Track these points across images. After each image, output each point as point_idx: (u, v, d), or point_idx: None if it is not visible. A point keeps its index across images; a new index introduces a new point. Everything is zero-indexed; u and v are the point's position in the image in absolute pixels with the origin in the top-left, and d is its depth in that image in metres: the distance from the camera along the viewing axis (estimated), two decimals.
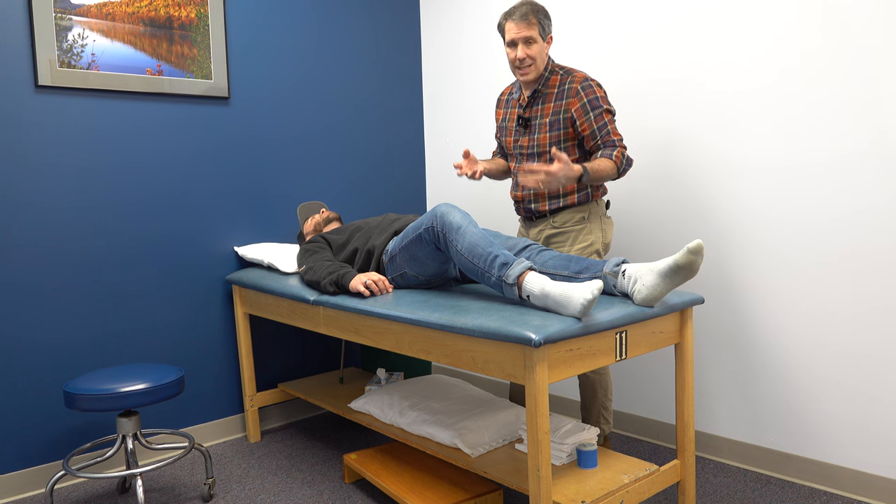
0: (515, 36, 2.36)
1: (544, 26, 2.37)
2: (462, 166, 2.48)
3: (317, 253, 2.53)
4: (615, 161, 2.32)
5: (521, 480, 1.97)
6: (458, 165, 2.49)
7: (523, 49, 2.36)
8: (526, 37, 2.35)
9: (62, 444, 2.67)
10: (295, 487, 2.56)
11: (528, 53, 2.36)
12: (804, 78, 2.34)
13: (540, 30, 2.36)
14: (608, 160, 2.31)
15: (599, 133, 2.35)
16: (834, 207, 2.31)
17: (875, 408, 2.27)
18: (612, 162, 2.31)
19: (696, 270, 1.83)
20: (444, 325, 1.87)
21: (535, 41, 2.36)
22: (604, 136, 2.35)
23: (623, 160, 2.34)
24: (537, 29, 2.35)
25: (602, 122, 2.34)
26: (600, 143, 2.36)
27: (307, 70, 3.30)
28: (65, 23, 2.58)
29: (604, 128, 2.34)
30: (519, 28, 2.35)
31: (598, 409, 2.53)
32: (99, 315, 2.73)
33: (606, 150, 2.34)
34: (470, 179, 2.53)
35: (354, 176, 3.52)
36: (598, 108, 2.34)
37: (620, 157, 2.33)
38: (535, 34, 2.35)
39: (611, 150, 2.33)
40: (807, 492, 2.38)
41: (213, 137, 3.00)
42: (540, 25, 2.35)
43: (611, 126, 2.35)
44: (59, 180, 2.62)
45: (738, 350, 2.60)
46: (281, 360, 3.28)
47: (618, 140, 2.35)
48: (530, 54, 2.36)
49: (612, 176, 2.33)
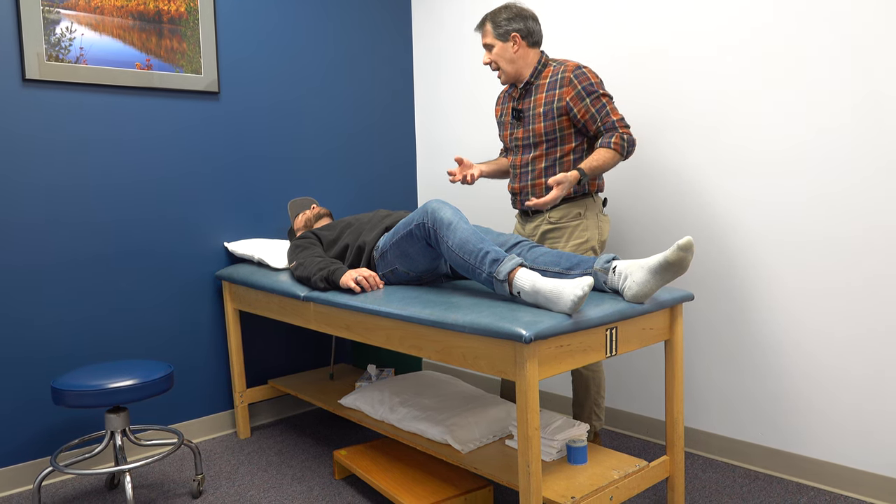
0: (482, 44, 2.50)
1: (501, 28, 2.43)
2: (455, 173, 2.49)
3: (307, 249, 2.52)
4: (615, 148, 2.33)
5: (512, 476, 1.98)
6: (451, 172, 2.50)
7: (486, 55, 2.49)
8: (485, 44, 2.49)
9: (50, 440, 2.66)
10: (285, 483, 2.56)
11: (491, 58, 2.48)
12: (791, 70, 2.36)
13: (495, 34, 2.44)
14: (607, 150, 2.33)
15: (599, 116, 2.36)
16: (827, 206, 2.33)
17: (863, 405, 2.29)
18: (611, 151, 2.33)
19: (686, 267, 1.84)
20: (434, 321, 1.87)
21: (493, 45, 2.46)
22: (603, 118, 2.36)
23: (624, 143, 2.34)
24: (492, 34, 2.45)
25: (600, 104, 2.35)
26: (601, 128, 2.37)
27: (298, 65, 3.29)
28: (52, 16, 2.55)
29: (602, 110, 2.35)
30: (480, 36, 2.45)
31: (591, 406, 2.53)
32: (87, 311, 2.71)
33: (606, 137, 2.35)
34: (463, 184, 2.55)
35: (345, 172, 3.51)
36: (594, 92, 2.35)
37: (620, 142, 2.34)
38: (491, 39, 2.46)
39: (609, 137, 2.34)
40: (794, 487, 2.40)
41: (202, 133, 2.99)
42: (495, 30, 2.44)
43: (609, 107, 2.36)
44: (47, 175, 2.60)
45: (728, 347, 2.61)
46: (271, 357, 3.27)
47: (618, 121, 2.36)
48: (492, 58, 2.47)
49: (615, 162, 2.36)
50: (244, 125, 3.12)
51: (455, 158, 2.47)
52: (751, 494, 2.36)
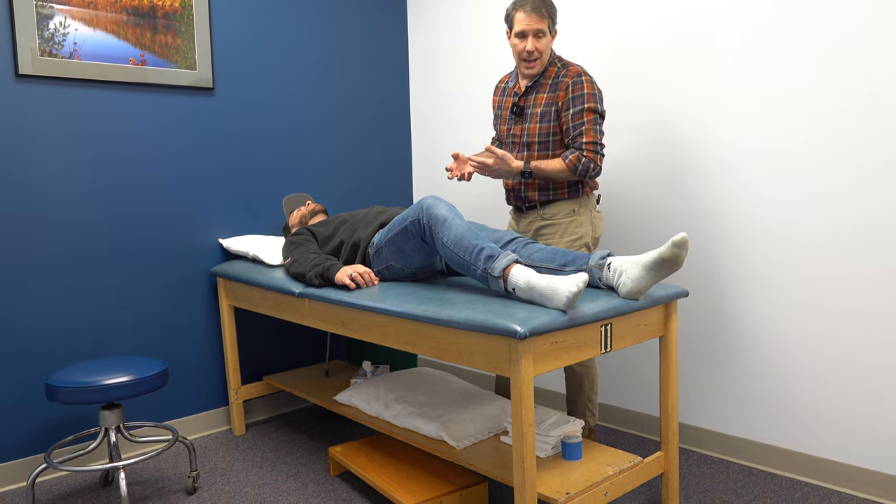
0: (527, 27, 2.33)
1: (553, 20, 2.36)
2: (452, 169, 2.48)
3: (302, 245, 2.51)
4: (567, 164, 2.32)
5: (506, 472, 1.98)
6: (449, 168, 2.49)
7: (533, 42, 2.34)
8: (537, 29, 2.33)
9: (44, 437, 2.65)
10: (280, 480, 2.56)
11: (538, 46, 2.34)
12: (791, 64, 2.36)
13: (549, 23, 2.35)
14: (560, 162, 2.33)
15: (573, 131, 2.34)
16: (825, 203, 2.33)
17: (857, 401, 2.30)
18: (563, 164, 2.33)
19: (681, 263, 1.84)
20: (429, 317, 1.87)
21: (545, 34, 2.34)
22: (575, 136, 2.34)
23: (578, 165, 2.31)
24: (548, 22, 2.34)
25: (579, 120, 2.32)
26: (570, 142, 2.36)
27: (293, 61, 3.28)
28: (46, 11, 2.54)
29: (578, 127, 2.32)
30: (531, 20, 2.32)
31: (584, 402, 2.54)
32: (82, 307, 2.70)
33: (567, 152, 2.34)
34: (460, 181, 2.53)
35: (341, 168, 3.50)
36: (580, 106, 2.32)
37: (574, 162, 2.31)
38: (546, 27, 2.34)
39: (570, 153, 2.32)
40: (788, 483, 2.41)
41: (197, 128, 2.97)
42: (550, 19, 2.35)
43: (587, 126, 2.32)
44: (40, 170, 2.58)
45: (722, 343, 2.62)
46: (266, 353, 3.27)
47: (586, 143, 2.32)
48: (539, 47, 2.35)
49: (563, 177, 2.35)
50: (239, 121, 3.11)
51: (452, 154, 2.46)
52: (745, 490, 2.37)
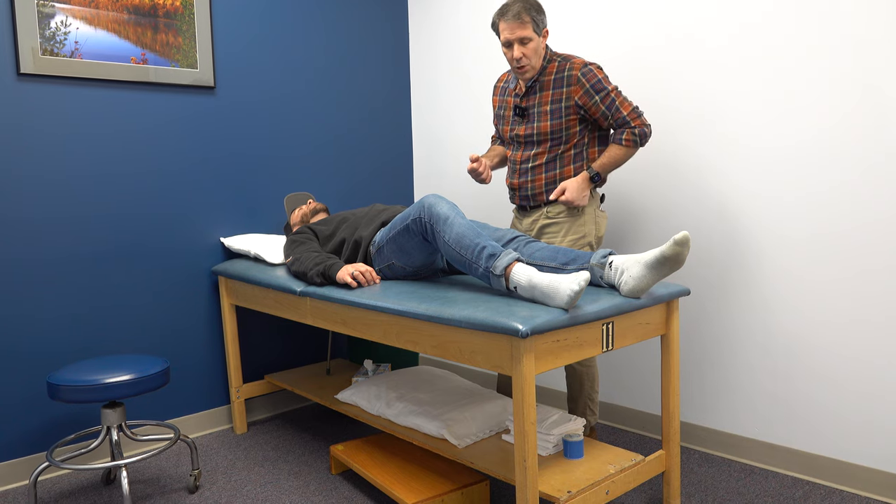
0: (510, 36, 2.33)
1: (538, 22, 2.33)
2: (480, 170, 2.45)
3: (304, 244, 2.52)
4: (626, 144, 2.37)
5: (508, 471, 1.98)
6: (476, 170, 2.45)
7: (520, 49, 2.33)
8: (521, 37, 2.31)
9: (46, 435, 2.65)
10: (281, 479, 2.56)
11: (525, 53, 2.33)
12: (790, 60, 2.36)
13: (534, 27, 2.32)
14: (619, 147, 2.38)
15: (609, 113, 2.36)
16: (825, 202, 2.33)
17: (858, 399, 2.30)
18: (622, 147, 2.38)
19: (683, 262, 1.84)
20: (431, 316, 1.87)
21: (531, 39, 2.32)
22: (614, 114, 2.36)
23: (635, 137, 2.37)
24: (531, 27, 2.31)
25: (609, 100, 2.35)
26: (613, 124, 2.39)
27: (294, 60, 3.27)
28: (47, 10, 2.54)
29: (612, 105, 2.36)
30: (512, 28, 2.31)
31: (585, 401, 2.54)
32: (84, 306, 2.70)
33: (617, 134, 2.38)
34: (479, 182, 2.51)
35: (342, 167, 3.50)
36: (603, 89, 2.35)
37: (632, 137, 2.36)
38: (529, 32, 2.31)
39: (621, 134, 2.37)
40: (790, 481, 2.41)
41: (198, 127, 2.98)
42: (534, 22, 2.31)
43: (619, 101, 2.36)
44: (41, 170, 2.58)
45: (723, 341, 2.62)
46: (267, 352, 3.27)
47: (628, 113, 2.36)
48: (526, 53, 2.33)
49: (629, 156, 2.41)
50: (240, 120, 3.11)
51: (471, 157, 2.43)
52: (746, 489, 2.37)
